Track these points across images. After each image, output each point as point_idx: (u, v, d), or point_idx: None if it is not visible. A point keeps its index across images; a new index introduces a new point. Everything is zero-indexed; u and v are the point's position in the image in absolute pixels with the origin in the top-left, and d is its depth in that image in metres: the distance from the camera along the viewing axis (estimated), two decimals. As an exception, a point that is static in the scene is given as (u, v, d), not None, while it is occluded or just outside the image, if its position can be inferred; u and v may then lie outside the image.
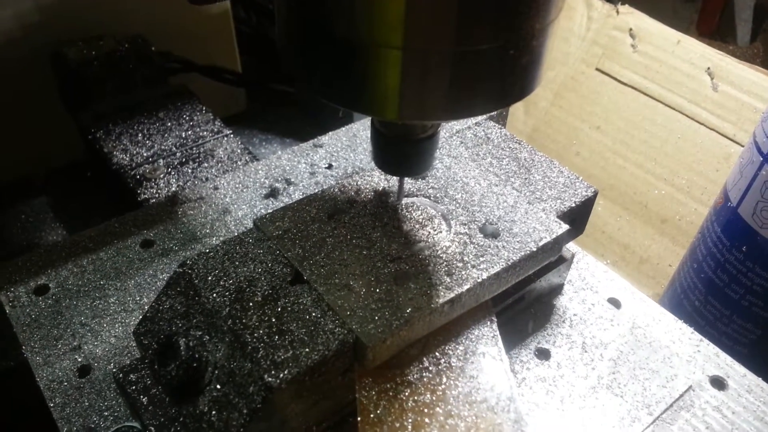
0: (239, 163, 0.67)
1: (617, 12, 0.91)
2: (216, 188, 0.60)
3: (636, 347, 0.49)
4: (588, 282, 0.53)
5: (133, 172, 0.65)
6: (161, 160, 0.66)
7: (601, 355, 0.48)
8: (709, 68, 0.81)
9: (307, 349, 0.36)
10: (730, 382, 0.47)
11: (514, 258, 0.41)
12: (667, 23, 0.88)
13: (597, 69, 0.91)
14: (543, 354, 0.48)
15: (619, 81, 0.88)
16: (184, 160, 0.67)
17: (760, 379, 0.48)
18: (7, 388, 0.55)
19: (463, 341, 0.41)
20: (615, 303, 0.52)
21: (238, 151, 0.69)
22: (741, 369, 0.48)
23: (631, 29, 0.89)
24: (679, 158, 0.81)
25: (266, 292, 0.39)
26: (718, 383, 0.47)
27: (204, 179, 0.65)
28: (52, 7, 0.74)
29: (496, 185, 0.47)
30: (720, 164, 0.79)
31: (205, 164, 0.67)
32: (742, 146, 0.72)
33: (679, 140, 0.82)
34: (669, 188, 0.81)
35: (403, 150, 0.39)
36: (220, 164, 0.67)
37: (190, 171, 0.65)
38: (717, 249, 0.59)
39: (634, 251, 0.82)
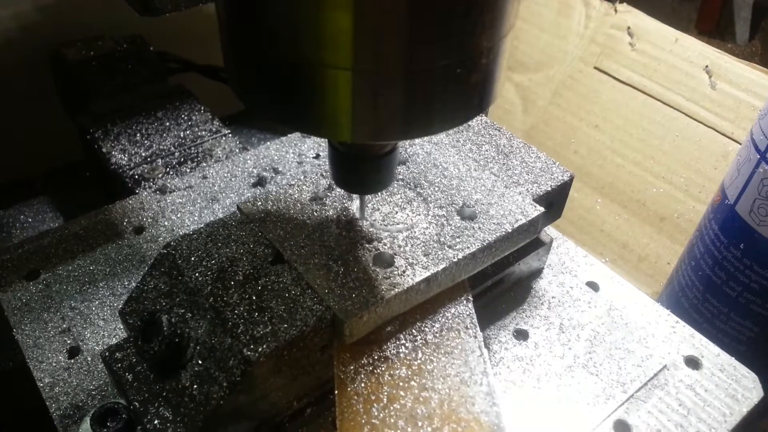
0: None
1: (615, 10, 0.91)
2: (205, 177, 0.61)
3: (612, 328, 0.50)
4: (567, 266, 0.55)
5: (131, 172, 0.65)
6: (160, 160, 0.66)
7: (578, 336, 0.49)
8: (707, 66, 0.81)
9: (285, 325, 0.37)
10: (704, 361, 0.49)
11: (490, 239, 0.43)
12: (667, 22, 0.88)
13: (595, 67, 0.91)
14: (521, 335, 0.49)
15: (618, 79, 0.88)
16: (182, 159, 0.67)
17: (733, 358, 0.49)
18: (6, 388, 0.56)
19: (440, 319, 0.42)
20: (593, 286, 0.53)
21: (237, 150, 0.68)
22: (715, 349, 0.50)
23: (629, 28, 0.89)
24: (678, 156, 0.81)
25: (247, 272, 0.40)
26: (693, 363, 0.49)
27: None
28: (51, 7, 0.75)
29: (475, 170, 0.48)
30: (718, 162, 0.78)
31: (204, 164, 0.67)
32: (740, 144, 0.72)
33: (678, 138, 0.82)
34: (667, 186, 0.81)
35: (362, 168, 0.39)
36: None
37: (188, 171, 0.65)
38: (715, 247, 0.59)
39: (632, 249, 0.82)
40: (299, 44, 0.29)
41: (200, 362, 0.38)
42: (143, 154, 0.67)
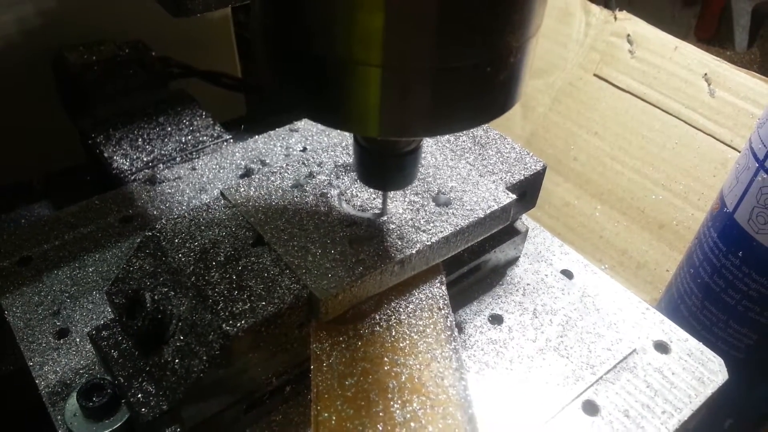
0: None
1: (615, 18, 0.92)
2: (194, 169, 0.63)
3: (584, 314, 0.51)
4: (543, 255, 0.56)
5: (133, 177, 0.65)
6: (161, 165, 0.67)
7: (550, 321, 0.51)
8: (706, 74, 0.81)
9: (263, 302, 0.39)
10: (673, 346, 0.50)
11: (462, 224, 0.44)
12: (666, 29, 0.88)
13: (595, 75, 0.91)
14: (496, 319, 0.51)
15: (617, 87, 0.88)
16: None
17: (701, 343, 0.51)
18: (6, 392, 0.58)
19: (414, 300, 0.44)
20: (567, 274, 0.55)
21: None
22: (683, 334, 0.51)
23: (629, 35, 0.89)
24: (677, 164, 0.81)
25: (229, 253, 0.42)
26: (662, 347, 0.50)
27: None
28: (53, 12, 0.76)
29: (452, 160, 0.50)
30: (717, 170, 0.79)
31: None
32: (739, 152, 0.70)
33: (677, 146, 0.82)
34: (666, 193, 0.81)
35: (387, 164, 0.40)
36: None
37: None
38: (713, 254, 0.59)
39: (631, 256, 0.82)
40: (331, 41, 0.30)
41: (182, 338, 0.39)
42: (145, 159, 0.68)
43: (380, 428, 0.36)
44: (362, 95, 0.31)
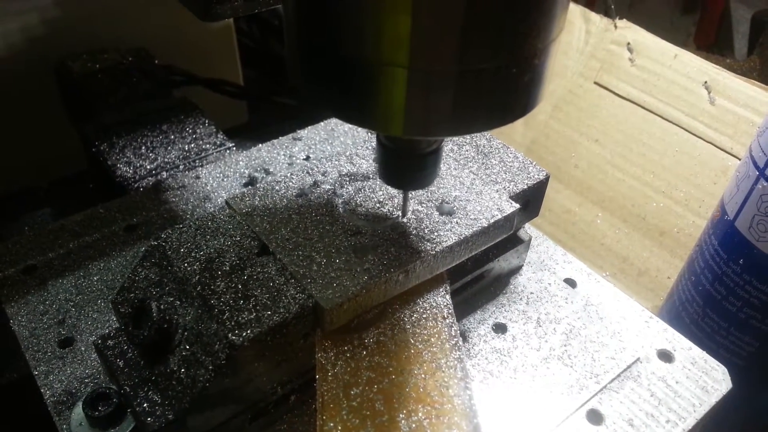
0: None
1: (615, 26, 0.92)
2: (198, 177, 0.63)
3: (588, 323, 0.52)
4: (546, 264, 0.57)
5: (136, 185, 0.65)
6: (164, 173, 0.67)
7: (554, 329, 0.51)
8: (706, 82, 0.82)
9: (269, 312, 0.39)
10: (676, 354, 0.50)
11: (466, 233, 0.45)
12: (665, 35, 0.88)
13: (595, 82, 0.91)
14: (500, 328, 0.51)
15: (617, 94, 0.89)
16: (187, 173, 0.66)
17: (705, 352, 0.51)
18: (11, 400, 0.58)
19: (418, 309, 0.44)
20: (571, 283, 0.55)
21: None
22: (687, 343, 0.51)
23: (629, 43, 0.89)
24: (677, 171, 0.82)
25: (234, 263, 0.42)
26: (665, 356, 0.50)
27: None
28: (57, 20, 0.77)
29: (455, 169, 0.50)
30: (717, 177, 0.79)
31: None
32: (739, 159, 0.71)
33: (677, 153, 0.82)
34: (667, 201, 0.81)
35: (409, 164, 0.40)
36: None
37: None
38: (714, 262, 0.59)
39: (632, 263, 0.82)
40: (359, 41, 0.30)
41: (187, 347, 0.39)
42: (148, 167, 0.68)
43: (385, 438, 0.36)
44: (387, 95, 0.31)
